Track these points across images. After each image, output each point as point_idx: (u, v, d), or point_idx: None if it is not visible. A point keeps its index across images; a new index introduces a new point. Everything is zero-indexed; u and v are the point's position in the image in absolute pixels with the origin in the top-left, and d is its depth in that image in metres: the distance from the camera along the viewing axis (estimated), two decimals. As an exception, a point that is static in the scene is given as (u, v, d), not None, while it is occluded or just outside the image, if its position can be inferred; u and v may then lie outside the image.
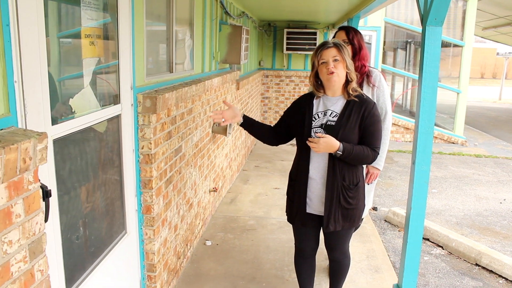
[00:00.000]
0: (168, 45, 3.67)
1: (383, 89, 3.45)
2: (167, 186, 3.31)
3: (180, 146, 3.61)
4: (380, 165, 3.48)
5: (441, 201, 6.53)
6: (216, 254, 4.27)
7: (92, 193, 2.48)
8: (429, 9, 2.92)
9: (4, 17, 1.60)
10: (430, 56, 3.03)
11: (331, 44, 2.72)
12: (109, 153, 2.66)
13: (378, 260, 4.27)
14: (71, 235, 2.20)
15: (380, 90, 3.44)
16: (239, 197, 5.98)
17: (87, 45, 2.40)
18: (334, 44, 2.72)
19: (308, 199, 2.80)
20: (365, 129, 2.74)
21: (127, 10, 2.68)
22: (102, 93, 2.57)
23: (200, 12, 4.54)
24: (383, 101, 3.45)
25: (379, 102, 3.44)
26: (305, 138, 2.72)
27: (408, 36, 12.28)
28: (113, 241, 2.67)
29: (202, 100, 4.31)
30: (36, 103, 1.78)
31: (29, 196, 1.59)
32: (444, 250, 4.86)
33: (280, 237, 4.67)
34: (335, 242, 2.94)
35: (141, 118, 2.88)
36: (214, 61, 5.29)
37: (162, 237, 3.26)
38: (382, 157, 3.46)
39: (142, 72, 3.00)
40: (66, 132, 2.08)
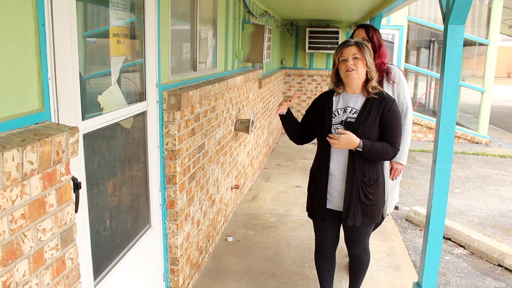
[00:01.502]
0: (192, 44, 3.75)
1: (403, 85, 3.47)
2: (190, 181, 3.38)
3: (203, 143, 3.68)
4: (403, 160, 3.48)
5: (464, 201, 6.48)
6: (238, 250, 4.34)
7: (118, 187, 2.56)
8: (451, 7, 2.93)
9: (40, 17, 1.68)
10: (452, 55, 3.05)
11: (352, 42, 2.77)
12: (135, 149, 2.74)
13: (398, 259, 4.28)
14: (99, 227, 2.29)
15: (400, 87, 3.45)
16: (260, 194, 6.04)
17: (114, 43, 2.48)
18: (355, 43, 2.76)
19: (328, 195, 2.85)
20: (385, 125, 2.77)
21: (153, 10, 2.76)
22: (128, 90, 2.66)
23: (223, 12, 4.61)
24: (403, 97, 3.46)
25: (399, 98, 3.45)
26: (325, 134, 2.76)
27: (432, 35, 12.18)
28: (138, 234, 2.76)
29: (225, 98, 4.38)
30: (67, 99, 1.87)
31: (61, 187, 1.68)
32: (466, 250, 4.83)
33: (301, 235, 4.71)
34: (355, 238, 2.97)
35: (166, 115, 2.96)
36: (237, 59, 5.36)
37: (185, 232, 3.33)
38: (404, 152, 3.47)
39: (167, 70, 3.07)
40: (95, 127, 2.16)
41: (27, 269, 1.50)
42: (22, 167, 1.41)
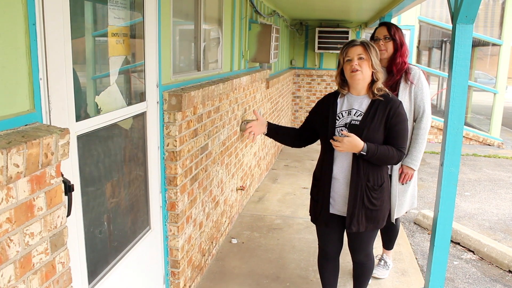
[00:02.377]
0: (195, 43, 3.70)
1: (421, 86, 3.36)
2: (192, 183, 3.34)
3: (207, 144, 3.64)
4: (414, 165, 3.39)
5: (474, 204, 6.37)
6: (242, 252, 4.29)
7: (116, 189, 2.53)
8: (459, 7, 2.86)
9: (30, 16, 1.64)
10: (460, 55, 2.97)
11: (357, 42, 2.69)
12: (134, 150, 2.71)
13: (405, 263, 4.20)
14: (94, 230, 2.25)
15: (419, 88, 3.35)
16: (267, 196, 5.98)
17: (113, 43, 2.44)
18: (361, 43, 2.69)
19: (331, 199, 2.78)
20: (391, 128, 2.69)
21: (153, 9, 2.72)
22: (128, 91, 2.62)
23: (229, 11, 4.56)
24: (421, 99, 3.35)
25: (416, 100, 3.35)
26: (329, 137, 2.70)
27: (444, 35, 12.04)
28: (136, 237, 2.72)
29: (230, 98, 4.33)
30: (60, 100, 1.83)
31: (51, 190, 1.64)
32: (475, 255, 4.73)
33: (306, 237, 4.64)
34: (358, 243, 2.90)
35: (167, 115, 2.91)
36: (244, 59, 5.31)
37: (187, 234, 3.29)
38: (417, 157, 3.38)
39: (168, 70, 3.03)
40: (90, 128, 2.12)
41: (13, 274, 1.46)
42: (6, 170, 1.37)
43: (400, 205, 3.49)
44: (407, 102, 3.34)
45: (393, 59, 3.39)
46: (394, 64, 3.38)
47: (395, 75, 3.37)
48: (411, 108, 3.36)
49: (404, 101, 3.33)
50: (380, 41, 3.41)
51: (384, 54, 3.41)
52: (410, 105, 3.36)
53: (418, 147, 3.38)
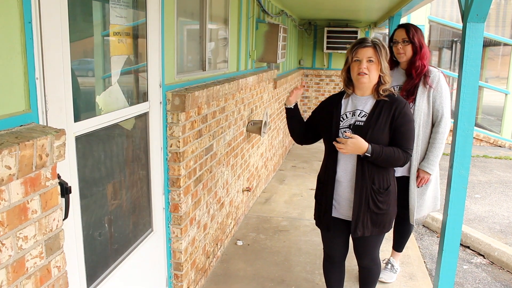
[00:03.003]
0: (200, 43, 3.66)
1: (441, 90, 3.27)
2: (196, 184, 3.29)
3: (211, 144, 3.59)
4: (431, 169, 3.32)
5: (484, 207, 6.26)
6: (247, 255, 4.23)
7: (117, 190, 2.49)
8: (470, 5, 2.78)
9: (26, 14, 1.60)
10: (471, 55, 2.89)
11: (369, 43, 2.59)
12: (137, 151, 2.66)
13: (413, 267, 4.12)
14: (94, 232, 2.21)
15: (438, 92, 3.26)
16: (273, 197, 5.92)
17: (115, 42, 2.40)
18: (373, 44, 2.59)
19: (335, 203, 2.71)
20: (396, 129, 2.61)
21: (157, 7, 2.67)
22: (130, 91, 2.58)
23: (235, 10, 4.51)
24: (439, 103, 3.27)
25: (435, 104, 3.27)
26: (332, 138, 2.63)
27: (454, 35, 11.89)
28: (138, 239, 2.67)
29: (236, 98, 4.28)
30: (58, 100, 1.79)
31: (46, 193, 1.59)
32: (486, 259, 4.64)
33: (312, 240, 4.58)
34: (364, 248, 2.83)
35: (170, 116, 2.87)
36: (250, 59, 5.26)
37: (190, 236, 3.24)
38: (434, 161, 3.32)
39: (172, 70, 2.99)
40: (90, 129, 2.08)
41: (5, 279, 1.42)
42: (-3, 172, 1.33)
43: (419, 206, 3.43)
44: (425, 106, 3.26)
45: (412, 62, 3.31)
46: (413, 68, 3.29)
47: (414, 78, 3.28)
48: (429, 112, 3.28)
49: (421, 105, 3.26)
50: (398, 44, 3.33)
51: (402, 58, 3.33)
52: (428, 109, 3.28)
53: (435, 152, 3.31)
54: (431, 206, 3.54)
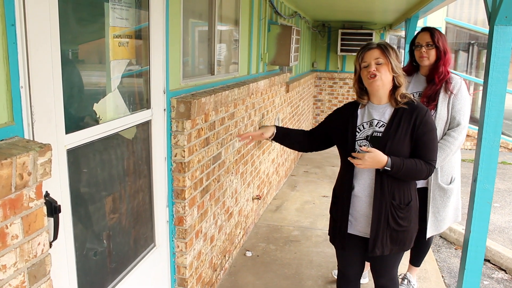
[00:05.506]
0: (209, 45, 3.48)
1: (460, 97, 3.05)
2: (202, 195, 3.12)
3: (219, 153, 3.42)
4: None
5: (504, 217, 6.00)
6: (256, 267, 4.05)
7: (117, 204, 2.32)
8: (498, 6, 2.58)
9: (8, 16, 1.44)
10: (498, 60, 2.68)
11: (374, 45, 2.41)
12: (138, 161, 2.49)
13: (431, 283, 3.91)
14: (88, 252, 2.04)
15: (457, 98, 3.05)
16: (285, 204, 5.74)
17: (115, 46, 2.24)
18: (378, 45, 2.40)
19: (351, 218, 2.51)
20: (418, 139, 2.40)
21: (160, 8, 2.50)
22: (131, 97, 2.41)
23: (246, 11, 4.34)
24: (457, 110, 3.04)
25: (453, 110, 3.06)
26: (348, 152, 2.43)
27: (471, 37, 11.61)
28: (138, 256, 2.50)
29: (246, 103, 4.10)
30: (46, 110, 1.62)
31: (29, 215, 1.43)
32: (508, 274, 4.41)
33: (324, 251, 4.38)
34: (382, 267, 2.63)
35: (175, 124, 2.70)
36: (262, 62, 5.08)
37: (196, 250, 3.07)
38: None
39: (177, 74, 2.82)
40: (84, 140, 1.91)
41: (-21, 315, 1.26)
42: (-32, 196, 1.16)
43: (442, 220, 3.22)
44: (444, 114, 3.06)
45: (435, 67, 3.11)
46: (436, 73, 3.09)
47: (436, 84, 3.09)
48: (448, 120, 3.08)
49: (442, 112, 3.05)
50: (422, 48, 3.13)
51: (425, 61, 3.13)
52: (447, 118, 3.07)
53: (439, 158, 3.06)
54: (452, 218, 3.33)
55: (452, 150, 3.06)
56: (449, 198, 3.20)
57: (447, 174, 3.20)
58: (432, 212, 3.21)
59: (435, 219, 3.24)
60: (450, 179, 3.21)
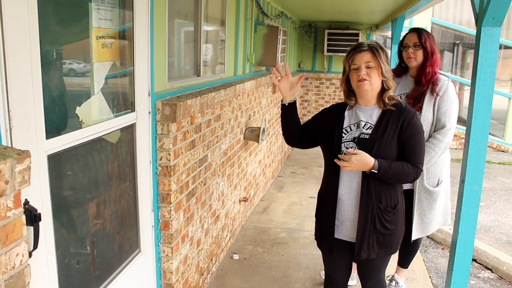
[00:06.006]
0: (195, 46, 3.43)
1: (447, 98, 3.03)
2: (189, 199, 3.07)
3: (206, 155, 3.37)
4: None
5: (490, 216, 6.03)
6: (243, 270, 4.01)
7: (101, 210, 2.26)
8: (486, 8, 2.57)
9: (-16, 16, 1.38)
10: (486, 61, 2.68)
11: (365, 47, 2.37)
12: (122, 166, 2.44)
13: (418, 283, 3.90)
14: (71, 260, 1.98)
15: (443, 100, 3.02)
16: (272, 206, 5.70)
17: (98, 47, 2.18)
18: (369, 47, 2.36)
19: (337, 222, 2.48)
20: (405, 142, 2.37)
21: (145, 8, 2.45)
22: (115, 100, 2.35)
23: (233, 12, 4.29)
24: (443, 112, 3.01)
25: (438, 112, 3.03)
26: (333, 154, 2.39)
27: (456, 37, 11.69)
28: (123, 262, 2.44)
29: (233, 105, 4.06)
30: (25, 115, 1.56)
31: (7, 225, 1.37)
32: (494, 273, 4.42)
33: (312, 253, 4.36)
34: (369, 271, 2.60)
35: (160, 127, 2.65)
36: (249, 63, 5.04)
37: (182, 255, 3.02)
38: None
39: (162, 76, 2.77)
40: (66, 145, 1.85)
41: (-47, 332, 1.20)
42: None
43: (428, 223, 3.20)
44: (429, 116, 3.04)
45: (422, 68, 3.09)
46: (423, 74, 3.07)
47: (423, 85, 3.07)
48: (433, 122, 3.06)
49: (427, 114, 3.03)
50: (409, 49, 3.11)
51: (413, 62, 3.12)
52: (433, 119, 3.06)
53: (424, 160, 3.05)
54: (441, 221, 3.31)
55: (438, 152, 3.05)
56: (435, 200, 3.19)
57: (433, 177, 3.18)
58: (418, 214, 3.20)
59: (421, 221, 3.22)
60: (437, 182, 3.20)
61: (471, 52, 12.03)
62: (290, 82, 2.62)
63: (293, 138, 2.70)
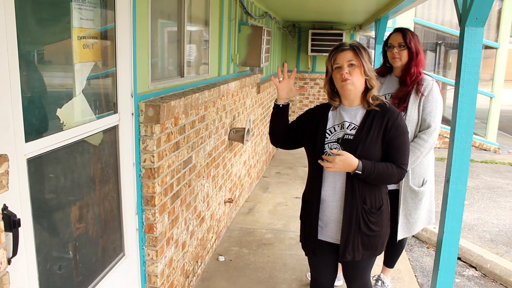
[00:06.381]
0: (178, 47, 3.39)
1: (431, 98, 3.04)
2: (173, 201, 3.03)
3: (190, 157, 3.33)
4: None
5: (473, 214, 6.09)
6: (229, 272, 3.98)
7: (84, 213, 2.21)
8: (469, 8, 2.57)
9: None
10: (470, 61, 2.69)
11: (347, 46, 2.36)
12: (105, 168, 2.39)
13: (404, 283, 3.91)
14: (52, 265, 1.93)
15: (428, 100, 3.03)
16: (257, 206, 5.68)
17: (80, 48, 2.13)
18: (351, 46, 2.35)
19: (321, 223, 2.46)
20: (389, 143, 2.36)
21: (127, 8, 2.40)
22: (97, 102, 2.31)
23: (216, 12, 4.26)
24: (428, 112, 3.03)
25: (423, 112, 3.04)
26: (317, 155, 2.38)
27: (438, 38, 11.80)
28: (107, 266, 2.40)
29: (217, 106, 4.02)
30: (3, 118, 1.52)
31: (-16, 232, 1.33)
32: (478, 271, 4.46)
33: (298, 254, 4.34)
34: (355, 272, 2.59)
35: (143, 128, 2.60)
36: (233, 63, 5.01)
37: (167, 257, 2.98)
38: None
39: (146, 77, 2.72)
40: (47, 148, 1.81)
41: None
42: None
43: (414, 223, 3.21)
44: (415, 116, 3.05)
45: (407, 68, 3.10)
46: (408, 75, 3.08)
47: (408, 85, 3.07)
48: (418, 122, 3.06)
49: (412, 114, 3.04)
50: (394, 49, 3.11)
51: (397, 63, 3.12)
52: (418, 120, 3.06)
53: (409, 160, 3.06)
54: (425, 220, 3.33)
55: (423, 152, 3.06)
56: (420, 200, 3.20)
57: (418, 177, 3.19)
58: (404, 214, 3.20)
59: (406, 221, 3.23)
60: (422, 182, 3.21)
61: (453, 52, 12.16)
62: (290, 86, 2.60)
63: (279, 138, 2.67)
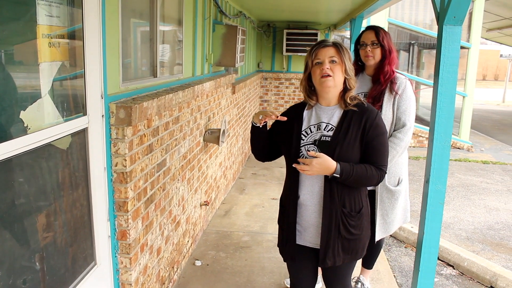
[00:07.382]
0: (151, 46, 3.28)
1: (405, 97, 3.02)
2: (147, 206, 2.92)
3: (164, 159, 3.22)
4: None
5: (449, 212, 6.14)
6: (206, 277, 3.88)
7: (51, 222, 2.09)
8: (447, 7, 2.54)
9: None
10: (448, 60, 2.64)
11: (329, 43, 2.30)
12: (74, 173, 2.27)
13: (384, 284, 3.89)
14: (16, 280, 1.81)
15: (402, 98, 3.01)
16: (234, 209, 5.59)
17: (45, 46, 2.01)
18: (334, 44, 2.29)
19: (300, 228, 2.39)
20: (368, 143, 2.30)
21: (96, 6, 2.29)
22: (65, 103, 2.19)
23: (190, 10, 4.16)
24: (403, 111, 3.01)
25: (398, 111, 3.02)
26: (292, 159, 2.30)
27: (412, 37, 11.91)
28: (77, 277, 2.28)
29: (192, 106, 3.92)
30: (-41, 122, 1.40)
31: None
32: (455, 270, 4.47)
33: (276, 257, 4.27)
34: (335, 277, 2.53)
35: (114, 131, 2.49)
36: (207, 63, 4.91)
37: (141, 265, 2.87)
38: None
39: (116, 77, 2.61)
40: (8, 154, 1.69)
41: None
42: None
43: (390, 222, 3.18)
44: (389, 115, 3.02)
45: (380, 67, 3.07)
46: (381, 73, 3.05)
47: (381, 84, 3.04)
48: (393, 121, 3.04)
49: (387, 113, 3.01)
50: (367, 47, 3.07)
51: (371, 61, 3.08)
52: (393, 118, 3.04)
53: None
54: (401, 219, 3.31)
55: (399, 152, 3.03)
56: (397, 200, 3.17)
57: (394, 176, 3.17)
58: (381, 214, 3.17)
59: (384, 221, 3.20)
60: (397, 181, 3.18)
61: (426, 51, 12.30)
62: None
63: (262, 154, 2.59)
